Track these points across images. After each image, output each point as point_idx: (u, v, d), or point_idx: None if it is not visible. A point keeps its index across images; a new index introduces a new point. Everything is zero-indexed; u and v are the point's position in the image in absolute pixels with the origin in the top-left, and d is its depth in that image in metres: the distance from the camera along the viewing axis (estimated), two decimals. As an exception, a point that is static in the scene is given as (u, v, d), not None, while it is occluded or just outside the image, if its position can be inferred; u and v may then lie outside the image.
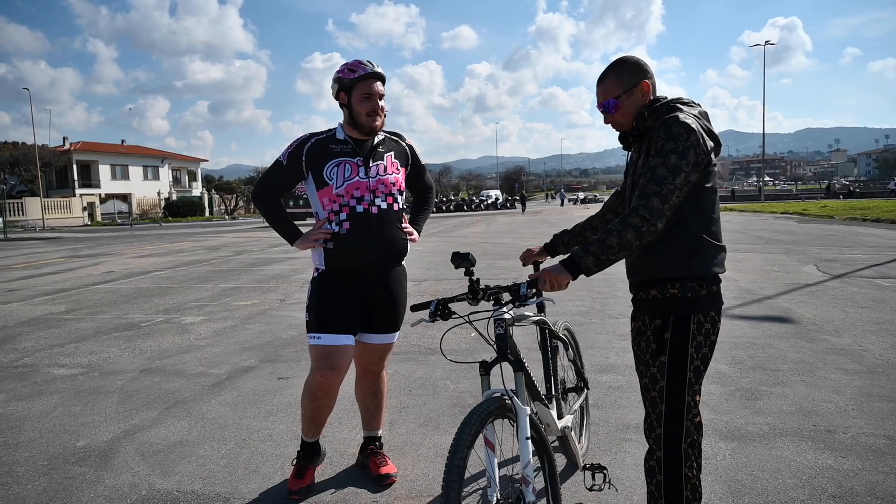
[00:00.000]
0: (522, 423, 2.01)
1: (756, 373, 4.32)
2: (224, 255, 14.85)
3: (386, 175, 2.77)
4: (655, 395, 2.01)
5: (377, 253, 2.75)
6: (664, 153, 1.88)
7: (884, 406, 3.62)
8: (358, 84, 2.67)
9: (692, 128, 1.89)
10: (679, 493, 1.98)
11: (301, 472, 2.83)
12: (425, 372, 4.58)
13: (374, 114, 2.70)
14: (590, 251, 1.87)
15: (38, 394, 4.38)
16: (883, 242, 13.26)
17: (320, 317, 2.70)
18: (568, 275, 1.89)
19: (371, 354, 2.91)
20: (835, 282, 8.14)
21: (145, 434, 3.56)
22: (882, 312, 6.15)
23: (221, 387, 4.41)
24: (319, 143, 2.74)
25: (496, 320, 2.10)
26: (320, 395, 2.72)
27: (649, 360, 2.03)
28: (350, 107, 2.70)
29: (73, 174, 51.65)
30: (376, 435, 3.05)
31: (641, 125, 2.05)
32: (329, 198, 2.71)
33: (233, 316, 7.04)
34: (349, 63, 2.71)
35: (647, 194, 1.86)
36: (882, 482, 2.72)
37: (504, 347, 2.09)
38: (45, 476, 3.04)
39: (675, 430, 1.98)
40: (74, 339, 6.11)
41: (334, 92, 2.75)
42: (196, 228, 32.84)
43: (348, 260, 2.72)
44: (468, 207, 49.32)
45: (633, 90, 2.06)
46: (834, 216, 23.00)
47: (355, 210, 2.69)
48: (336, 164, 2.70)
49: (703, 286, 1.97)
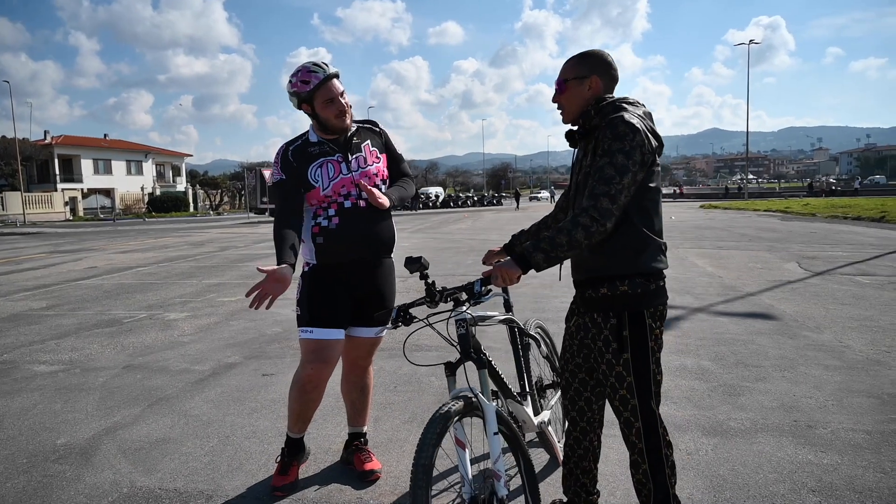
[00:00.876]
0: (489, 419, 2.04)
1: (738, 369, 4.37)
2: (208, 251, 14.73)
3: (367, 167, 2.78)
4: (625, 392, 2.05)
5: (366, 246, 2.76)
6: (611, 153, 1.92)
7: (863, 401, 3.68)
8: (317, 93, 2.64)
9: (637, 127, 1.95)
10: (664, 477, 2.08)
11: (285, 469, 2.82)
12: (410, 369, 4.58)
13: (342, 115, 2.70)
14: (540, 247, 1.92)
15: (17, 391, 4.32)
16: (863, 240, 13.46)
17: (311, 311, 2.71)
18: (518, 269, 1.95)
19: (360, 348, 2.90)
20: (816, 279, 8.25)
21: (127, 431, 3.52)
22: (862, 309, 6.24)
23: (205, 383, 4.37)
24: (297, 148, 2.76)
25: (457, 321, 2.12)
26: (310, 389, 2.72)
27: (612, 360, 2.06)
28: (316, 115, 2.70)
29: (54, 168, 50.95)
30: (361, 431, 3.05)
31: (588, 123, 2.09)
32: (317, 199, 2.72)
33: (217, 312, 6.98)
34: (299, 75, 2.66)
35: (597, 195, 1.90)
36: (861, 476, 2.76)
37: (467, 347, 2.11)
38: (24, 474, 3.00)
39: (650, 420, 2.06)
40: (55, 335, 6.03)
41: (295, 105, 2.73)
42: (180, 224, 32.53)
43: (338, 254, 2.73)
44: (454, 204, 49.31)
45: (584, 81, 2.10)
46: (816, 214, 23.31)
47: (343, 206, 2.71)
48: (318, 166, 2.72)
49: (651, 281, 2.04)
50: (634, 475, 2.13)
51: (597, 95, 2.11)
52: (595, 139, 2.02)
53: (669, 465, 2.10)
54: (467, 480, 1.99)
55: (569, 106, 2.14)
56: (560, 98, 2.16)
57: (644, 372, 2.04)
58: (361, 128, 2.88)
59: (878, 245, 12.40)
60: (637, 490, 2.15)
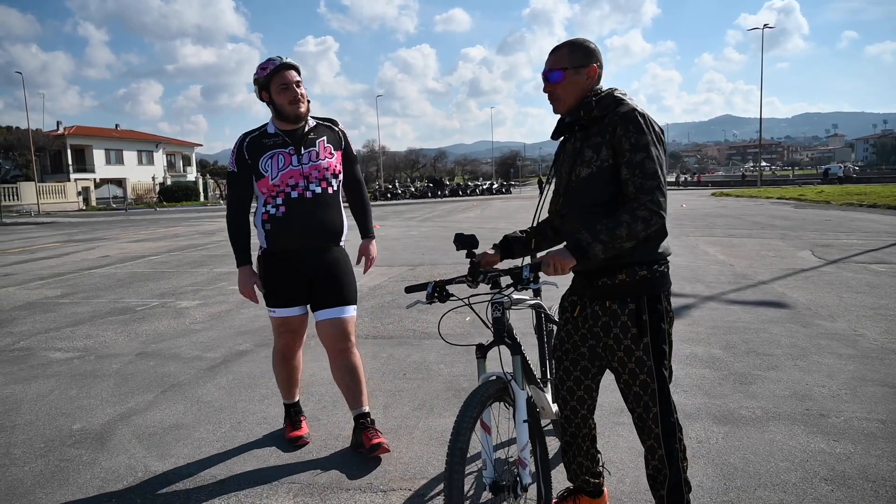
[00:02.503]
0: (520, 407, 2.02)
1: (750, 357, 4.34)
2: (219, 240, 14.81)
3: (319, 161, 2.94)
4: (645, 376, 2.05)
5: (312, 235, 2.94)
6: (644, 147, 1.94)
7: (877, 390, 3.65)
8: (273, 79, 2.85)
9: (651, 118, 1.99)
10: (678, 462, 2.10)
11: (296, 425, 3.16)
12: (420, 356, 4.59)
13: (296, 101, 2.87)
14: (599, 239, 1.91)
15: (34, 377, 4.38)
16: (879, 228, 13.30)
17: (271, 293, 3.00)
18: (573, 258, 1.93)
19: (328, 329, 3.00)
20: (830, 267, 8.17)
21: (141, 417, 3.57)
22: (877, 297, 6.18)
23: (217, 370, 4.41)
24: (253, 140, 2.95)
25: (494, 303, 2.08)
26: (289, 357, 3.13)
27: (631, 345, 2.04)
28: (273, 102, 2.89)
29: (67, 159, 51.30)
30: (364, 411, 3.09)
31: (588, 114, 2.06)
32: (266, 188, 2.92)
33: (228, 300, 7.03)
34: (261, 64, 2.91)
35: (650, 188, 1.91)
36: (874, 465, 2.75)
37: (501, 330, 2.08)
38: (42, 458, 3.05)
39: (666, 404, 2.08)
40: (70, 323, 6.10)
41: (257, 93, 2.94)
42: (191, 213, 32.73)
43: (285, 242, 2.95)
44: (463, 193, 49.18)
45: (581, 70, 2.07)
46: (830, 201, 23.04)
47: (290, 196, 2.90)
48: (270, 157, 2.90)
49: (663, 265, 2.08)
50: (650, 462, 2.13)
51: (591, 85, 2.09)
52: (612, 130, 1.99)
53: (682, 448, 2.12)
54: (490, 465, 1.99)
55: (565, 96, 2.10)
56: (555, 88, 2.10)
57: (661, 354, 2.06)
58: (320, 125, 3.06)
59: (893, 233, 12.24)
60: (651, 477, 2.15)
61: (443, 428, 3.29)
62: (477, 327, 5.36)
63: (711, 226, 14.80)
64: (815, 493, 2.53)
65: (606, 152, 2.02)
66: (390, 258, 10.22)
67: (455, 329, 5.36)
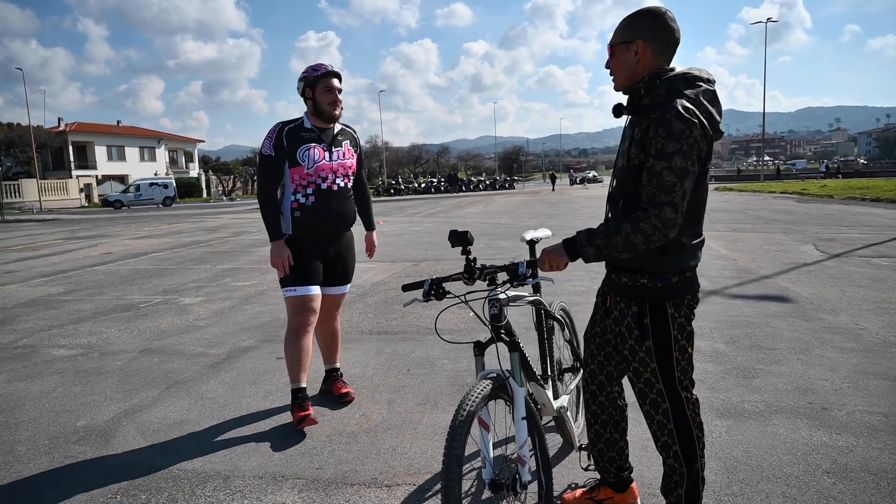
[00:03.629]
0: (518, 404, 2.01)
1: (753, 351, 4.34)
2: (222, 237, 14.83)
3: (345, 159, 3.41)
4: (649, 375, 2.03)
5: (334, 222, 3.37)
6: (668, 156, 1.78)
7: (879, 384, 3.65)
8: (320, 80, 3.26)
9: (694, 121, 1.80)
10: (696, 459, 2.06)
11: (304, 408, 3.25)
12: (423, 352, 4.60)
13: (335, 104, 3.29)
14: (594, 242, 1.87)
15: (38, 374, 4.40)
16: (881, 222, 13.27)
17: (293, 273, 3.28)
18: (566, 256, 1.91)
19: (329, 303, 3.53)
20: (833, 261, 8.16)
21: (145, 413, 3.58)
22: (879, 291, 6.17)
23: (220, 367, 4.42)
24: (292, 130, 3.29)
25: (491, 300, 2.07)
26: (303, 334, 3.29)
27: (634, 346, 2.03)
28: (315, 99, 3.28)
29: (69, 155, 51.33)
30: (336, 366, 3.75)
31: (637, 101, 1.94)
32: (300, 175, 3.28)
33: (231, 297, 7.04)
34: (312, 65, 3.31)
35: (660, 203, 1.79)
36: (876, 458, 2.75)
37: (499, 327, 2.07)
38: (46, 455, 3.07)
39: (677, 401, 2.03)
40: (73, 320, 6.12)
41: (300, 89, 3.31)
42: (194, 210, 32.75)
43: (312, 227, 3.32)
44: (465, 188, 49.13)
45: (630, 46, 1.92)
46: (833, 196, 22.98)
47: (320, 187, 3.30)
48: (307, 149, 3.27)
49: (675, 276, 1.96)
50: (665, 460, 2.09)
51: (648, 65, 1.91)
52: (645, 127, 1.85)
53: (701, 446, 2.07)
54: (488, 463, 1.97)
55: (617, 73, 1.98)
56: (609, 64, 2.00)
57: (667, 359, 1.99)
58: (345, 129, 3.50)
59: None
60: (667, 475, 2.11)
61: (447, 423, 3.29)
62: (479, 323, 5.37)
63: (714, 220, 14.77)
64: (818, 486, 2.53)
65: (637, 149, 1.89)
66: (394, 254, 10.22)
67: (459, 325, 5.36)
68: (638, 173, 1.90)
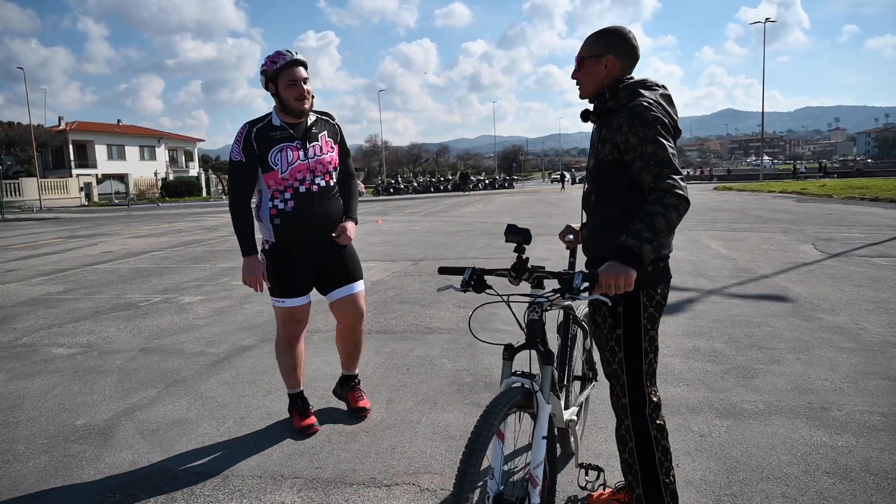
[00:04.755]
0: (542, 421, 1.87)
1: (752, 351, 4.34)
2: (222, 235, 14.82)
3: (322, 155, 3.06)
4: (616, 366, 2.10)
5: (319, 227, 3.07)
6: (653, 139, 1.92)
7: (879, 384, 3.65)
8: (282, 73, 2.91)
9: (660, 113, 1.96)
10: (651, 456, 2.08)
11: (305, 413, 3.20)
12: (423, 351, 4.60)
13: (302, 98, 2.94)
14: (644, 238, 1.83)
15: (37, 373, 4.39)
16: (881, 221, 13.27)
17: (280, 284, 3.08)
18: (632, 269, 1.82)
19: (345, 306, 3.23)
20: (832, 261, 8.15)
21: (144, 412, 3.58)
22: (879, 291, 6.17)
23: (220, 366, 4.42)
24: (261, 131, 2.97)
25: (532, 305, 1.95)
26: (293, 344, 3.19)
27: (607, 334, 2.11)
28: (279, 95, 2.94)
29: (69, 154, 51.32)
30: (355, 373, 3.49)
31: (602, 105, 2.10)
32: (274, 180, 2.98)
33: (231, 296, 7.04)
34: (270, 56, 2.95)
35: (668, 175, 1.88)
36: (876, 458, 2.75)
37: (535, 335, 1.94)
38: (45, 454, 3.06)
39: (638, 397, 2.09)
40: (73, 318, 6.11)
41: (263, 84, 2.99)
42: (194, 208, 32.74)
43: (294, 234, 3.04)
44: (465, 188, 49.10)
45: (600, 59, 2.09)
46: (832, 195, 22.98)
47: (298, 190, 3.00)
48: (279, 150, 2.96)
49: (651, 264, 2.03)
50: (621, 453, 2.16)
51: (614, 75, 2.10)
52: (617, 126, 2.00)
53: (660, 449, 2.08)
54: (497, 475, 1.85)
55: (584, 83, 2.16)
56: (577, 75, 2.17)
57: (635, 350, 2.07)
58: (320, 118, 3.13)
59: (895, 226, 12.21)
60: (623, 471, 2.17)
61: (446, 423, 3.30)
62: (479, 321, 5.37)
63: (713, 220, 14.77)
64: (818, 487, 2.53)
65: (609, 148, 2.04)
66: (393, 253, 10.22)
67: (458, 324, 5.36)
68: (610, 169, 2.05)
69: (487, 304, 2.26)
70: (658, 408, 2.13)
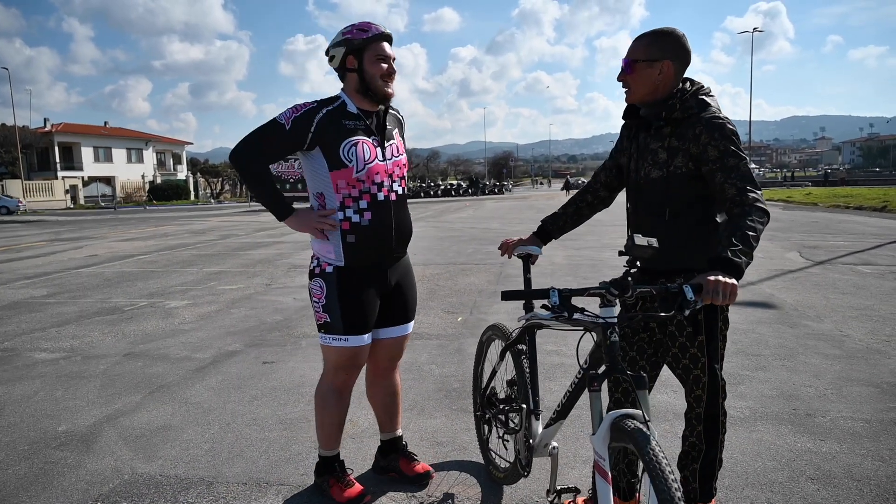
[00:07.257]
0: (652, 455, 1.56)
1: (738, 357, 4.37)
2: (209, 239, 14.72)
3: (399, 156, 2.52)
4: (699, 372, 2.13)
5: (396, 242, 2.49)
6: (734, 153, 1.95)
7: (862, 390, 3.68)
8: (370, 45, 2.37)
9: (734, 127, 1.99)
10: (716, 436, 2.17)
11: (349, 483, 2.59)
12: (410, 356, 4.58)
13: (390, 78, 2.42)
14: (742, 251, 1.80)
15: (19, 378, 4.33)
16: (865, 230, 13.43)
17: (347, 318, 2.43)
18: (735, 281, 1.78)
19: (390, 349, 2.66)
20: (817, 268, 8.24)
21: (128, 418, 3.53)
22: (862, 298, 6.24)
23: (206, 371, 4.38)
24: (332, 116, 2.38)
25: (612, 326, 1.77)
26: (346, 394, 2.59)
27: (686, 343, 2.12)
28: (361, 71, 2.38)
29: (54, 156, 50.84)
30: (399, 435, 2.82)
31: (670, 114, 2.05)
32: (347, 181, 2.38)
33: (218, 300, 6.99)
34: (356, 24, 2.41)
35: (752, 189, 1.91)
36: (859, 464, 2.77)
37: (616, 357, 1.76)
38: (25, 461, 3.02)
39: (715, 389, 2.14)
40: (56, 323, 6.04)
41: (339, 57, 2.39)
42: (181, 212, 32.52)
43: (370, 254, 2.44)
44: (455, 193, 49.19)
45: (655, 64, 2.03)
46: (818, 203, 23.25)
47: (376, 198, 2.41)
48: (353, 144, 2.36)
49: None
50: (689, 437, 2.20)
51: (668, 81, 2.05)
52: (692, 137, 2.00)
53: (722, 430, 2.19)
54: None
55: (636, 88, 2.09)
56: (626, 78, 2.09)
57: (715, 349, 2.12)
58: (390, 111, 2.56)
59: (879, 234, 12.37)
60: (686, 452, 2.21)
61: (434, 428, 3.28)
62: (470, 327, 5.36)
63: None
64: (802, 493, 2.55)
65: (683, 159, 2.03)
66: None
67: (446, 330, 5.35)
68: (685, 180, 2.04)
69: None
70: (725, 394, 2.20)
